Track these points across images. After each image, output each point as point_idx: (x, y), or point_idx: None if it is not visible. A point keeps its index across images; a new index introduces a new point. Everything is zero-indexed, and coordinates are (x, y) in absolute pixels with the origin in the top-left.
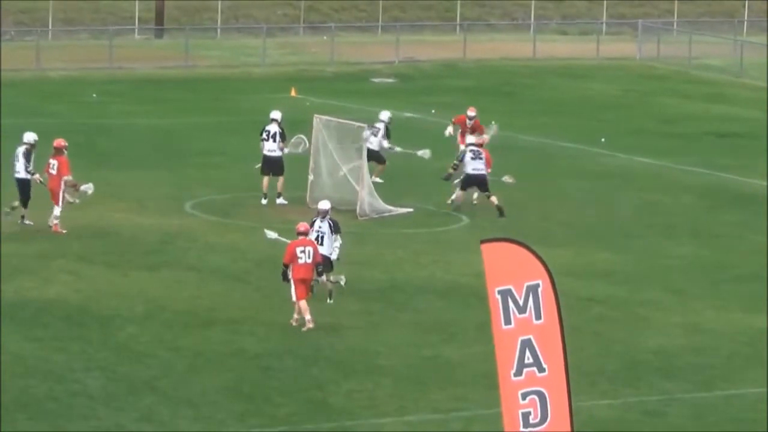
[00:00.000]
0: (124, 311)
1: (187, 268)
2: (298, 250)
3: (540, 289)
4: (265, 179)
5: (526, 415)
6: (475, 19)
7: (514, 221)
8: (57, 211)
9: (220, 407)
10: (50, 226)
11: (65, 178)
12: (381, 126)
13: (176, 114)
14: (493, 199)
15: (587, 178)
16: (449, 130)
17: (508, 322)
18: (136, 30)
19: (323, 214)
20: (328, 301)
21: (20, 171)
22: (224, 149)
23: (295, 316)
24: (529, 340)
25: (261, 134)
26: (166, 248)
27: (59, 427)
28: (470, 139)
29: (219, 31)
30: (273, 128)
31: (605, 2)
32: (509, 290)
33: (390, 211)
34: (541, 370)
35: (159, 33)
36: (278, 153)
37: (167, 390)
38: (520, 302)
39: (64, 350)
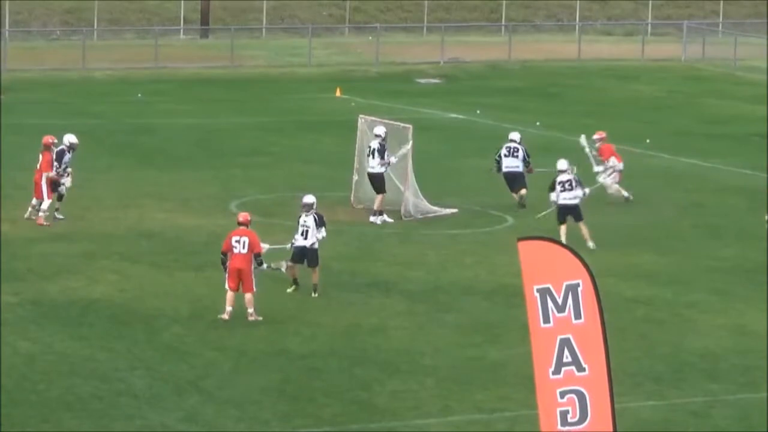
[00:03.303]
0: (169, 311)
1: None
2: (233, 239)
3: (580, 289)
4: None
5: (564, 414)
6: (520, 20)
7: (553, 221)
8: (45, 205)
9: (265, 407)
10: (31, 218)
11: (47, 174)
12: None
13: (221, 114)
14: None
15: (632, 179)
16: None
17: (546, 320)
18: (182, 30)
19: (308, 208)
20: (313, 294)
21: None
22: (269, 149)
23: (229, 308)
24: (568, 339)
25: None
26: (211, 248)
27: (104, 426)
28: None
29: (264, 31)
30: (374, 144)
31: (650, 3)
32: (548, 289)
33: (434, 211)
34: (581, 369)
35: (204, 33)
36: (380, 170)
37: (212, 390)
38: (559, 301)
39: (110, 350)
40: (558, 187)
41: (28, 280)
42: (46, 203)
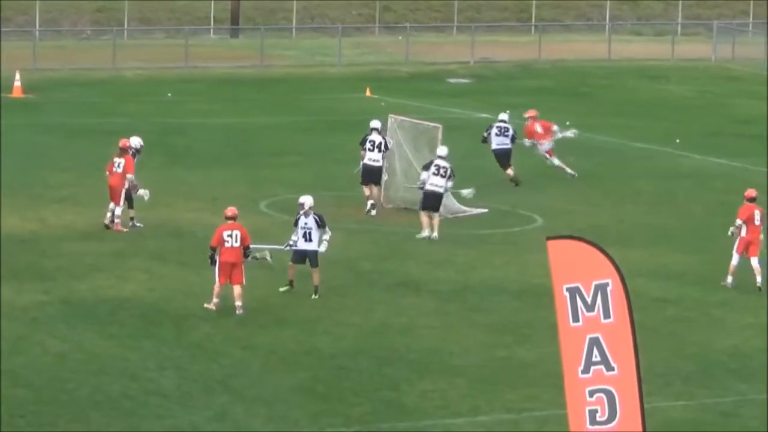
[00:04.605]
0: (199, 310)
1: (262, 267)
2: (225, 234)
3: (609, 288)
4: (366, 189)
5: (592, 413)
6: (550, 19)
7: (589, 221)
8: (118, 210)
9: (294, 407)
10: (108, 226)
11: (129, 176)
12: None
13: (251, 113)
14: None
15: (662, 179)
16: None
17: (576, 319)
18: (212, 30)
19: (306, 210)
20: (313, 296)
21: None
22: (299, 149)
23: (216, 300)
24: (597, 338)
25: (363, 143)
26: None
27: (133, 425)
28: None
29: (294, 31)
30: (377, 138)
31: (680, 3)
32: (577, 288)
33: (464, 211)
34: (609, 368)
35: (234, 33)
36: (380, 163)
37: (241, 389)
38: (588, 300)
39: (139, 349)
40: (432, 169)
41: (58, 279)
42: (119, 209)
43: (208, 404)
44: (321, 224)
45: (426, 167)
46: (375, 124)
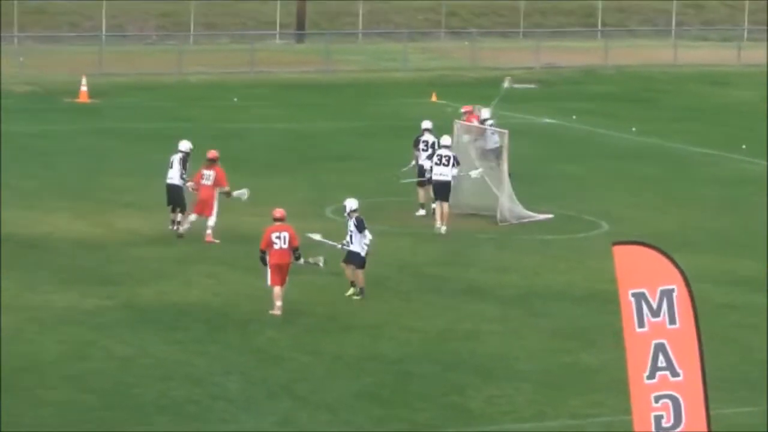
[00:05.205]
0: (263, 315)
1: (327, 272)
2: (273, 235)
3: (675, 294)
4: (421, 190)
5: (658, 418)
6: (615, 25)
7: (654, 227)
8: (211, 221)
9: (359, 412)
10: (181, 235)
11: (222, 189)
12: None
13: (315, 118)
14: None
15: (727, 185)
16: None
17: (641, 325)
18: (277, 35)
19: (348, 212)
20: (356, 297)
21: (174, 177)
22: (364, 154)
23: (277, 303)
24: (663, 344)
25: (416, 144)
26: (306, 253)
27: (198, 430)
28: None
29: (360, 35)
30: (430, 138)
31: (747, 8)
32: (643, 293)
33: (530, 216)
34: (675, 374)
35: (300, 38)
36: (448, 178)
37: (305, 394)
38: (654, 306)
39: (204, 354)
40: (435, 159)
41: (123, 284)
42: (213, 219)
43: (273, 409)
44: (360, 228)
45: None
46: (426, 124)
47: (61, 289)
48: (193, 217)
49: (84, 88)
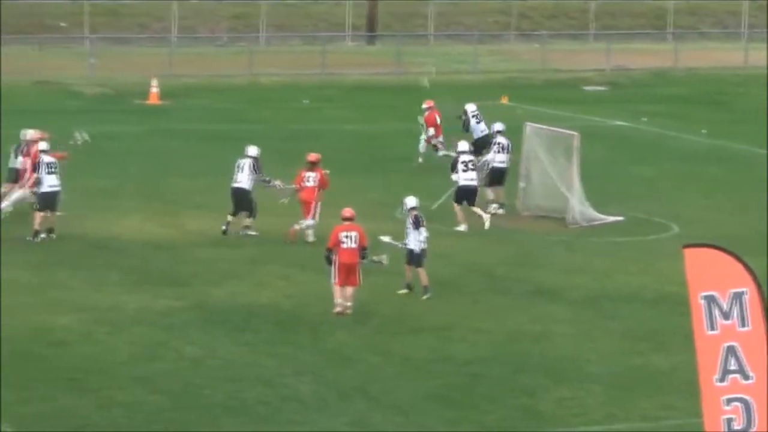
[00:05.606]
0: (334, 317)
1: (397, 273)
2: (342, 234)
3: (746, 297)
4: (490, 191)
5: (729, 421)
6: (686, 27)
7: (725, 229)
8: (311, 221)
9: (429, 414)
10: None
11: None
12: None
13: (386, 120)
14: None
15: None
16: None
17: (712, 327)
18: (348, 36)
19: (406, 210)
20: (423, 297)
21: (242, 182)
22: (433, 155)
23: (339, 300)
24: (734, 347)
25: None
26: (375, 254)
27: (268, 431)
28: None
29: (431, 37)
30: (503, 140)
31: None
32: (713, 296)
33: (600, 219)
34: (746, 377)
35: (371, 39)
36: (506, 165)
37: (378, 395)
38: (725, 309)
39: (275, 355)
40: (460, 167)
41: (193, 285)
42: (312, 221)
43: (344, 410)
44: (416, 225)
45: (453, 168)
46: (498, 126)
47: (132, 290)
48: (311, 221)
49: (154, 90)
